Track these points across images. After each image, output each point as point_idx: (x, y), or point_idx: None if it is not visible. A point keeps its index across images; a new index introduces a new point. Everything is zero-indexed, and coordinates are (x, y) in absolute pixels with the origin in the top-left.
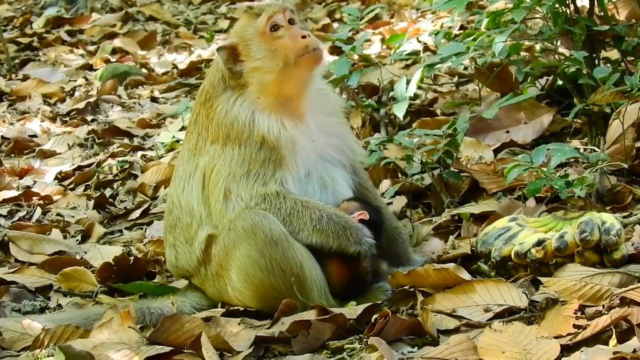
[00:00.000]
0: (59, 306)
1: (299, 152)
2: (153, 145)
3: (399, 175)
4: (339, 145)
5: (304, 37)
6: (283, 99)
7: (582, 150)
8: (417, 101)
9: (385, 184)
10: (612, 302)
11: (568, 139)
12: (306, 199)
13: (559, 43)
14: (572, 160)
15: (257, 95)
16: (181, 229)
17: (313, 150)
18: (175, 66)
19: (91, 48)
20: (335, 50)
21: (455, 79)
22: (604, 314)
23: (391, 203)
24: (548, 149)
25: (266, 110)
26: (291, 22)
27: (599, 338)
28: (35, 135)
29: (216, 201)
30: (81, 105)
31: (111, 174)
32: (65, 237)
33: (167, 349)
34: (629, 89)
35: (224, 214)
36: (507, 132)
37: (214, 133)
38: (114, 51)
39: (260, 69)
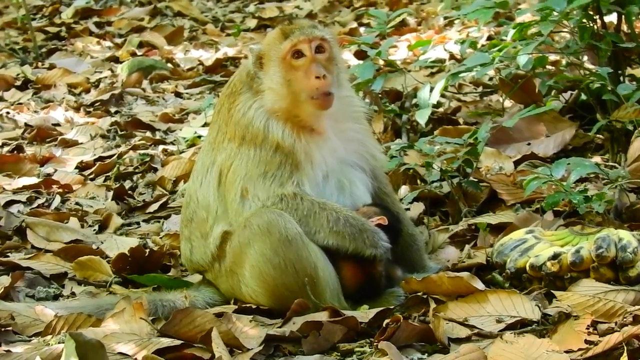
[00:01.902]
0: (73, 294)
1: (316, 160)
2: (175, 140)
3: (418, 181)
4: (360, 150)
5: (317, 77)
6: (298, 119)
7: (602, 166)
8: (440, 109)
9: (404, 189)
10: (625, 319)
11: (589, 154)
12: (323, 201)
13: (584, 58)
14: (592, 175)
15: (273, 111)
16: (197, 223)
17: (331, 155)
18: (200, 62)
19: (118, 40)
20: (360, 54)
21: (480, 89)
22: (616, 331)
23: (409, 209)
24: (568, 163)
25: (281, 120)
26: (319, 50)
27: (610, 355)
28: (58, 124)
29: (233, 200)
30: (105, 96)
31: (131, 166)
32: (82, 227)
33: (177, 342)
34: None
35: (240, 213)
36: (529, 144)
37: (232, 130)
38: (140, 45)
39: (274, 91)
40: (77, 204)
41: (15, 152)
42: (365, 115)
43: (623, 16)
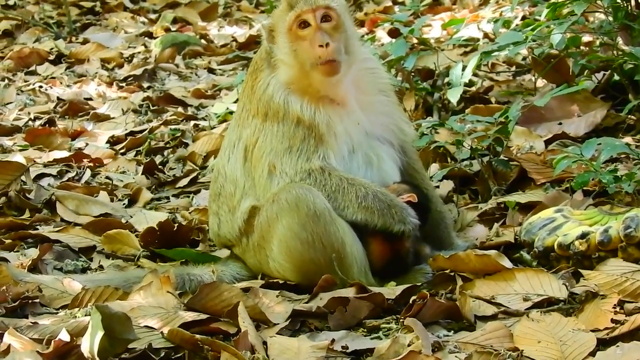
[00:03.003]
0: (101, 267)
1: (339, 132)
2: (206, 116)
3: (448, 159)
4: (387, 123)
5: (321, 46)
6: (313, 89)
7: (633, 147)
8: (473, 88)
9: (434, 167)
10: None
11: (620, 135)
12: (351, 176)
13: (618, 38)
14: (622, 155)
15: (287, 83)
16: (225, 197)
17: (356, 127)
18: (234, 39)
19: (152, 16)
20: (394, 33)
21: (513, 68)
22: None
23: (438, 187)
24: (599, 143)
25: (299, 93)
26: (325, 19)
27: (636, 334)
28: (90, 99)
29: (260, 176)
30: (138, 71)
31: (162, 141)
32: (112, 200)
33: (203, 316)
34: None
35: (268, 188)
36: (560, 124)
37: (254, 107)
38: (174, 20)
39: (284, 63)
40: (107, 178)
41: (47, 125)
42: (392, 87)
43: None
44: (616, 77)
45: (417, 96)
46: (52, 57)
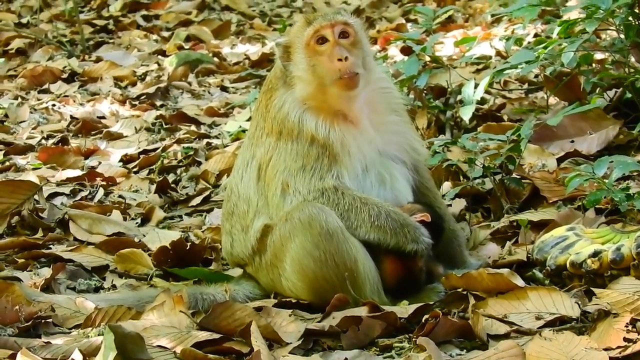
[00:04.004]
0: (114, 287)
1: (353, 151)
2: (219, 134)
3: (461, 178)
4: (400, 143)
5: (340, 59)
6: (329, 106)
7: None
8: (485, 106)
9: (446, 186)
10: None
11: (633, 152)
12: (365, 195)
13: (630, 56)
14: (634, 173)
15: (303, 100)
16: (238, 216)
17: (369, 146)
18: (247, 57)
19: (165, 34)
20: (407, 50)
21: (525, 85)
22: None
23: (450, 205)
24: (611, 161)
25: (314, 111)
26: (343, 36)
27: None
28: (103, 117)
29: (273, 194)
30: (151, 90)
31: (175, 159)
32: (125, 219)
33: (216, 335)
34: None
35: (281, 207)
36: (572, 141)
37: (269, 125)
38: (187, 38)
39: (302, 79)
40: (120, 196)
41: (60, 144)
42: (405, 107)
43: None
44: (628, 95)
45: (430, 114)
46: (65, 76)
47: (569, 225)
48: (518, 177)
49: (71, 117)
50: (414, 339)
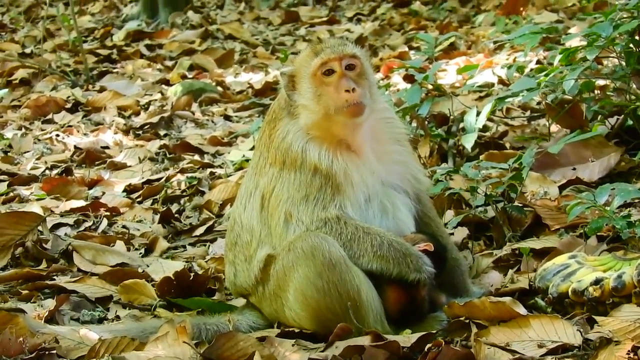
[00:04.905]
0: (117, 317)
1: (355, 181)
2: (223, 163)
3: (463, 206)
4: (403, 173)
5: (347, 91)
6: (332, 135)
7: None
8: (487, 133)
9: (449, 214)
10: None
11: (634, 179)
12: (367, 225)
13: (631, 83)
14: (636, 200)
15: (307, 129)
16: (241, 246)
17: (372, 177)
18: (250, 85)
19: (169, 63)
20: (409, 78)
21: (528, 112)
22: None
23: (453, 234)
24: (612, 188)
25: (318, 141)
26: (349, 68)
27: None
28: (107, 147)
29: (276, 224)
30: (155, 119)
31: (179, 189)
32: (128, 250)
33: None
34: None
35: (284, 237)
36: (574, 169)
37: (272, 155)
38: (191, 67)
39: (307, 108)
40: (124, 227)
41: (64, 174)
42: (407, 137)
43: None
44: (629, 122)
45: (432, 142)
46: (69, 105)
47: (571, 253)
48: (520, 205)
49: (75, 147)
50: None
